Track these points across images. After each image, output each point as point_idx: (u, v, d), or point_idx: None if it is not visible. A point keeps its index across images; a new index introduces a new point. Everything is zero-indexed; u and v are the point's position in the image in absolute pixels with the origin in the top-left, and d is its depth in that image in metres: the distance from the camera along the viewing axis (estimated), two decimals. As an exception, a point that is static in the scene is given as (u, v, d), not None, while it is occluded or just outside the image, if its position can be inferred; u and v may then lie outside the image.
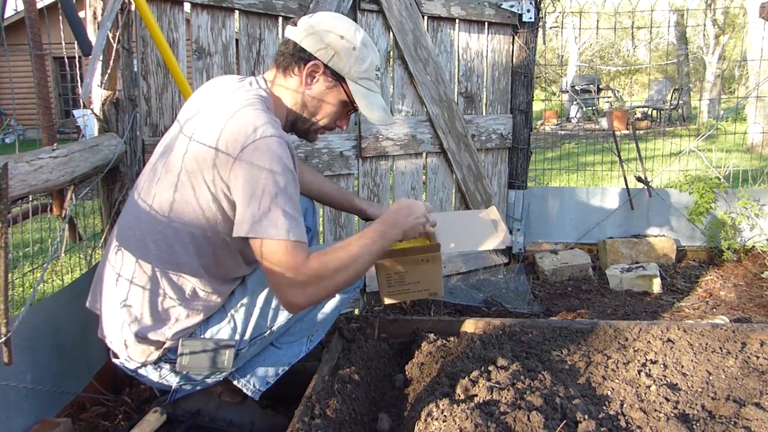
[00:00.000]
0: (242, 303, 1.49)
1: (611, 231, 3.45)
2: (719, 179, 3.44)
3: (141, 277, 1.39)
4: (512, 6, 2.97)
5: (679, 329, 1.92)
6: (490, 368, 1.58)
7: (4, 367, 1.26)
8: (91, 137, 1.83)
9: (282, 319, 1.52)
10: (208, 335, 1.45)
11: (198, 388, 1.57)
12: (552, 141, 9.31)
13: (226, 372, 1.51)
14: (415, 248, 1.67)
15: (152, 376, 1.48)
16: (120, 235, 1.44)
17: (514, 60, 3.08)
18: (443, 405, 1.37)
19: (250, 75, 2.28)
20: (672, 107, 13.03)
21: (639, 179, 3.46)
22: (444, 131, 2.83)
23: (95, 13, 1.78)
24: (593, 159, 6.81)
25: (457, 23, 2.87)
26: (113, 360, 1.50)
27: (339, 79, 1.46)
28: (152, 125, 2.03)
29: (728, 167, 3.67)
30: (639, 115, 13.82)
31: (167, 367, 1.46)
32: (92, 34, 1.77)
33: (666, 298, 2.95)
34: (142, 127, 2.00)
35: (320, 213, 2.54)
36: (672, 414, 1.46)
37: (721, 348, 1.81)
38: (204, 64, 2.13)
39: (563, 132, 11.66)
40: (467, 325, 2.02)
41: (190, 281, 1.41)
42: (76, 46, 1.66)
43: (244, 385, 1.60)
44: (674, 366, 1.72)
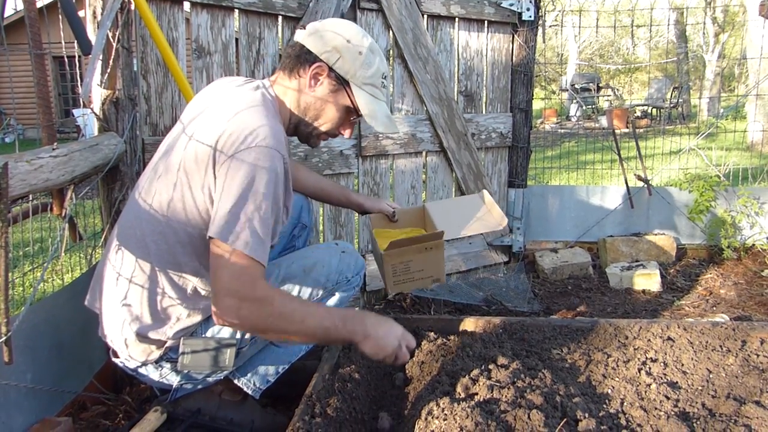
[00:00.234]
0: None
1: (611, 229, 3.45)
2: (719, 177, 3.44)
3: (141, 277, 1.39)
4: (512, 4, 2.97)
5: (680, 327, 1.92)
6: (491, 367, 1.58)
7: (5, 367, 1.27)
8: (91, 136, 1.83)
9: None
10: (209, 334, 1.45)
11: (198, 387, 1.57)
12: (552, 139, 9.32)
13: (228, 370, 1.51)
14: (421, 236, 1.71)
15: (153, 375, 1.48)
16: (121, 235, 1.44)
17: (514, 58, 3.08)
18: (444, 403, 1.37)
19: (250, 74, 2.30)
20: (672, 105, 13.01)
21: (639, 178, 3.46)
22: (444, 130, 2.83)
23: (95, 13, 1.78)
24: (593, 157, 6.80)
25: (457, 22, 2.87)
26: (113, 359, 1.50)
27: (343, 83, 1.45)
28: (152, 124, 2.03)
29: (728, 165, 3.67)
30: (639, 114, 13.81)
31: (168, 366, 1.46)
32: (92, 34, 1.77)
33: (666, 297, 2.95)
34: (142, 127, 2.00)
35: (320, 212, 2.54)
36: (672, 412, 1.46)
37: (722, 346, 1.81)
38: (204, 63, 2.13)
39: (563, 130, 11.66)
40: (467, 324, 2.02)
41: (191, 280, 1.41)
42: (76, 46, 1.66)
43: (245, 384, 1.60)
44: (674, 364, 1.72)
